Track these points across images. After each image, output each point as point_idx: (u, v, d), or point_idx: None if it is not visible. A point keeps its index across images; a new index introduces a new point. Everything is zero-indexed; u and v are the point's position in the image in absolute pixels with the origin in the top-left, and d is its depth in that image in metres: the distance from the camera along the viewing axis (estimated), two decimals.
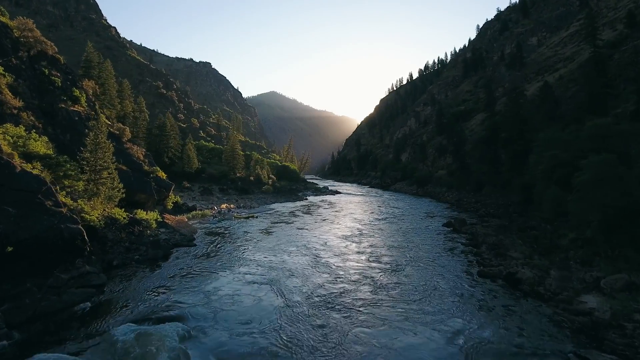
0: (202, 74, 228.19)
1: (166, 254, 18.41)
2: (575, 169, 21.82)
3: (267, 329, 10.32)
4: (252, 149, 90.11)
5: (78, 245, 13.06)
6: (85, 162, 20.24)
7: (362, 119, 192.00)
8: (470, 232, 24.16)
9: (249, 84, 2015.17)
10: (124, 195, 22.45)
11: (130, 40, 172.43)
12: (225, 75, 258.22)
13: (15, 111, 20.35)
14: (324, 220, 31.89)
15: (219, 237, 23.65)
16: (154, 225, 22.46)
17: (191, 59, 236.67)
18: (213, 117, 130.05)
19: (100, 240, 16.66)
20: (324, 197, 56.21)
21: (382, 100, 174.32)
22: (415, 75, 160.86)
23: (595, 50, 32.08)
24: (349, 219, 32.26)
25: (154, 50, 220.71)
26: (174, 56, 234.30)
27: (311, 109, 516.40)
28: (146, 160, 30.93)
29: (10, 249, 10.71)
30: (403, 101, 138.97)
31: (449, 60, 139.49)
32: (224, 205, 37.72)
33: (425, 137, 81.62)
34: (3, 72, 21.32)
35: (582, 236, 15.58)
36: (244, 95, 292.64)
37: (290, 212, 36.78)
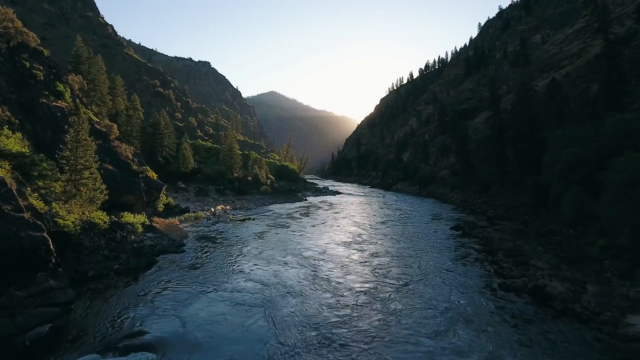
0: (201, 74, 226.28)
1: (150, 262, 16.67)
2: (597, 168, 20.23)
3: None
4: (251, 149, 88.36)
5: (41, 256, 11.32)
6: (65, 161, 18.65)
7: (363, 119, 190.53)
8: (482, 236, 22.43)
9: (248, 83, 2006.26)
10: (108, 197, 20.74)
11: (129, 39, 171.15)
12: (224, 75, 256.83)
13: None
14: (323, 223, 30.08)
15: (210, 242, 21.88)
16: (140, 230, 20.72)
17: (190, 59, 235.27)
18: (211, 116, 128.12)
19: (75, 248, 14.94)
20: (324, 198, 54.41)
21: (382, 100, 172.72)
22: (416, 75, 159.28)
23: (607, 45, 30.42)
24: (350, 223, 30.46)
25: (153, 49, 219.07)
26: (173, 55, 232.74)
27: (311, 109, 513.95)
28: (135, 160, 29.14)
29: None
30: (404, 100, 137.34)
31: (450, 59, 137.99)
32: (220, 207, 35.94)
33: (427, 136, 79.95)
34: None
35: (615, 244, 13.86)
36: (244, 95, 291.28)
37: (289, 214, 34.99)
